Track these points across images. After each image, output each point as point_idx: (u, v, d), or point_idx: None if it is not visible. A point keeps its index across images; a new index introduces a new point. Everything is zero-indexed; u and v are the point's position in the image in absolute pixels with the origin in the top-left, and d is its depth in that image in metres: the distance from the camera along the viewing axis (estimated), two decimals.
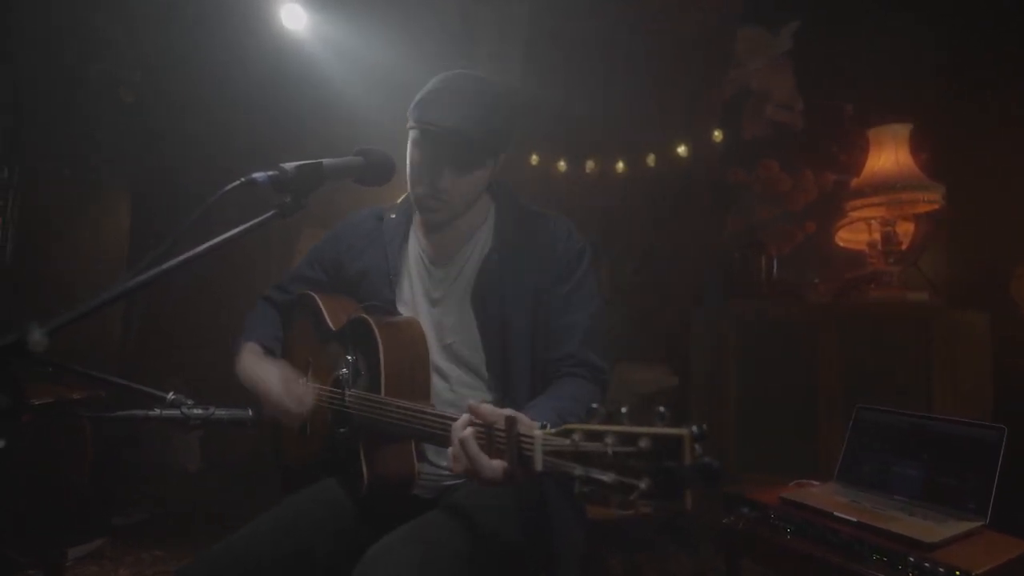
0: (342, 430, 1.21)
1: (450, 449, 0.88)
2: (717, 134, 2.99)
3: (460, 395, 1.21)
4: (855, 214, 2.63)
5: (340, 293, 1.38)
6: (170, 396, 1.10)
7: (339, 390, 1.22)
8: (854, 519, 1.32)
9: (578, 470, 0.73)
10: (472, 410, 0.86)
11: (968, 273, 2.57)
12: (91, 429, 2.08)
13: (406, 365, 1.16)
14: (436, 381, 1.22)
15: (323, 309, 1.32)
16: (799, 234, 3.06)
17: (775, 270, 2.79)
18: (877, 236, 2.73)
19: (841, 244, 2.97)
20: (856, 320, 2.44)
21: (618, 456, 0.70)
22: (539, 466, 0.78)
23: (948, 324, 2.30)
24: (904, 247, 2.69)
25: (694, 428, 0.67)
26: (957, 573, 1.11)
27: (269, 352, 1.33)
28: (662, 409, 0.70)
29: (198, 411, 1.09)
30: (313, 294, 1.36)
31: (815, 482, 1.61)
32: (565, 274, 1.22)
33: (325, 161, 0.96)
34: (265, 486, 3.42)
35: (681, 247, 3.00)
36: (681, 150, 3.04)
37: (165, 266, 0.73)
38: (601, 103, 3.19)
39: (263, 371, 1.22)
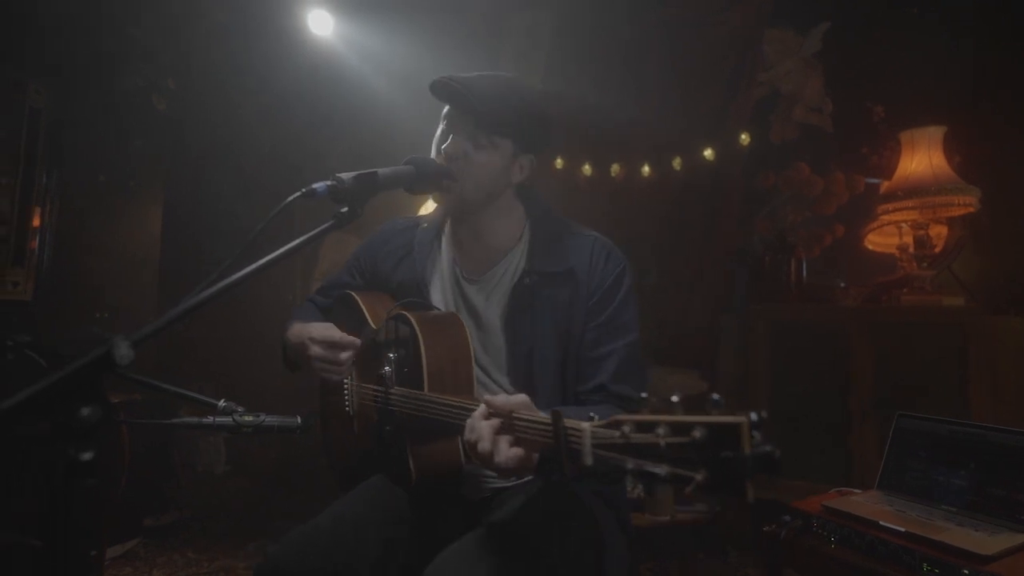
0: (388, 428, 1.22)
1: (467, 437, 0.89)
2: (744, 137, 2.96)
3: None
4: (886, 217, 2.59)
5: (379, 291, 1.39)
6: (221, 404, 1.11)
7: (383, 388, 1.22)
8: (902, 529, 1.30)
9: (630, 463, 0.70)
10: (487, 403, 0.88)
11: (1005, 278, 2.52)
12: (128, 432, 2.11)
13: (447, 359, 1.15)
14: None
15: (363, 307, 1.33)
16: (828, 237, 3.03)
17: (804, 274, 2.77)
18: (908, 240, 2.69)
19: (870, 247, 2.93)
20: (889, 325, 2.41)
21: (672, 447, 0.67)
22: (588, 460, 0.75)
23: (985, 329, 2.26)
24: (937, 251, 2.66)
25: (752, 415, 0.63)
26: None
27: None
28: (716, 396, 0.67)
29: (249, 418, 1.10)
30: (352, 293, 1.37)
31: (856, 490, 1.59)
32: (602, 302, 1.18)
33: (380, 171, 0.96)
34: (289, 488, 3.46)
35: (708, 251, 2.99)
36: (707, 153, 3.02)
37: (235, 276, 0.74)
38: (626, 106, 3.18)
39: (307, 326, 1.22)
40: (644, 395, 1.14)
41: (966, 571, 1.16)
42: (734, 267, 2.93)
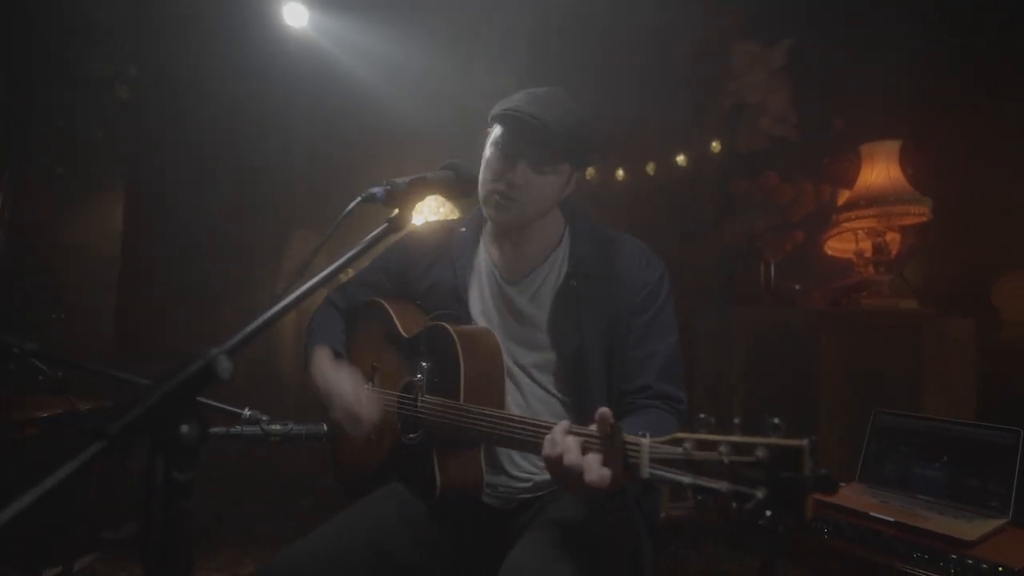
0: (412, 435, 1.21)
1: (547, 452, 0.89)
2: (715, 145, 3.08)
3: (536, 411, 1.21)
4: (848, 224, 2.75)
5: (407, 300, 1.38)
6: (246, 413, 1.08)
7: (410, 396, 1.21)
8: (891, 519, 1.40)
9: (688, 478, 0.75)
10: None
11: (951, 282, 2.73)
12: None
13: (483, 373, 1.16)
14: (510, 388, 1.22)
15: (394, 316, 1.32)
16: (789, 244, 3.19)
17: (773, 278, 2.90)
18: (863, 246, 2.87)
19: (830, 253, 3.11)
20: (852, 327, 2.56)
21: (734, 465, 0.72)
22: (645, 474, 0.79)
23: (936, 330, 2.44)
24: (891, 257, 2.85)
25: (807, 440, 0.69)
26: (1001, 569, 1.19)
27: (337, 356, 1.32)
28: (776, 420, 0.73)
29: (277, 427, 1.08)
30: (382, 301, 1.36)
31: (841, 483, 1.69)
32: (644, 303, 1.21)
33: (428, 175, 0.96)
34: (257, 496, 3.33)
35: (683, 254, 3.08)
36: (681, 159, 3.12)
37: (313, 282, 0.72)
38: (601, 112, 3.24)
39: (335, 377, 1.21)
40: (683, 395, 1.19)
41: (953, 556, 1.26)
42: (709, 271, 3.04)
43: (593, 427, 0.87)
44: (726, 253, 3.00)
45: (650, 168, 3.20)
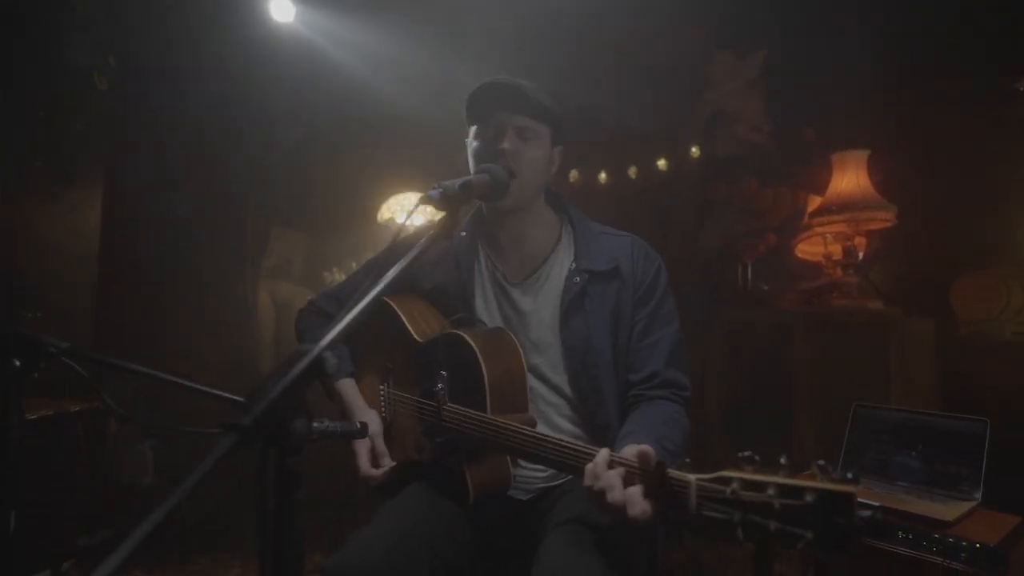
0: (439, 440, 1.22)
1: (589, 484, 0.89)
2: (695, 150, 3.19)
3: (544, 413, 1.25)
4: (820, 229, 2.91)
5: (413, 298, 1.37)
6: None
7: (432, 403, 1.22)
8: (877, 504, 1.50)
9: (736, 516, 0.76)
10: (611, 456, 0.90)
11: (912, 284, 2.91)
12: (86, 442, 1.93)
13: (505, 379, 1.18)
14: None
15: (403, 316, 1.31)
16: (762, 246, 3.34)
17: (750, 279, 3.04)
18: (831, 249, 3.04)
19: (800, 256, 3.27)
20: (824, 326, 2.71)
21: (784, 507, 0.72)
22: (693, 509, 0.80)
23: (901, 329, 2.61)
24: (859, 260, 3.02)
25: (850, 475, 0.70)
26: (978, 545, 1.30)
27: (351, 375, 1.35)
28: (822, 463, 0.73)
29: (315, 425, 1.08)
30: (388, 300, 1.34)
31: None
32: (646, 295, 1.26)
33: (472, 180, 0.99)
34: (224, 498, 3.27)
35: (662, 257, 3.19)
36: (661, 163, 3.22)
37: (387, 282, 0.75)
38: (584, 115, 3.31)
39: (365, 415, 1.26)
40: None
41: (936, 535, 1.36)
42: (687, 272, 3.16)
43: (631, 451, 0.89)
44: (705, 255, 3.12)
45: (632, 172, 3.29)
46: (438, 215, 3.10)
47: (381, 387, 1.36)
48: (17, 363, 0.95)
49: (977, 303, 2.69)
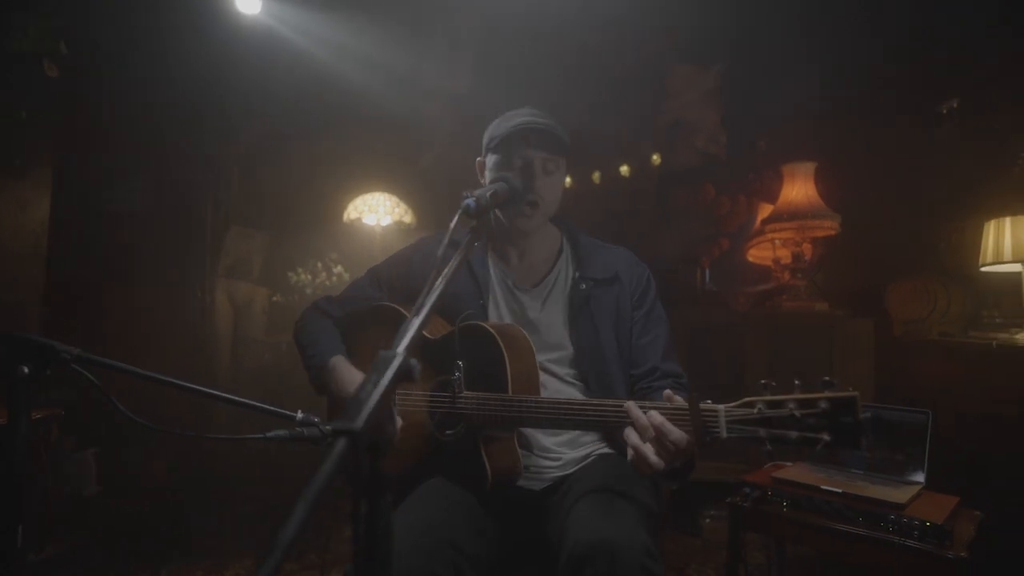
0: (449, 432, 1.26)
1: (640, 435, 1.00)
2: (655, 157, 3.32)
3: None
4: (772, 235, 3.11)
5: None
6: (299, 415, 1.10)
7: (446, 393, 1.27)
8: (839, 490, 1.65)
9: (762, 432, 0.91)
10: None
11: (852, 287, 3.16)
12: (46, 453, 1.83)
13: (521, 365, 1.24)
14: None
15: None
16: (716, 250, 3.53)
17: (707, 282, 3.20)
18: (780, 253, 3.25)
19: (751, 260, 3.48)
20: (775, 326, 2.90)
21: (804, 417, 0.88)
22: (724, 433, 0.94)
23: (844, 330, 2.83)
24: (806, 265, 3.24)
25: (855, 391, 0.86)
26: (928, 524, 1.46)
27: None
28: (828, 378, 0.90)
29: (330, 427, 1.09)
30: (393, 305, 1.41)
31: (787, 463, 1.94)
32: (641, 299, 1.42)
33: (497, 189, 1.03)
34: (174, 505, 3.16)
35: None
36: (624, 169, 3.34)
37: (440, 288, 0.78)
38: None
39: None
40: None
41: (892, 516, 1.52)
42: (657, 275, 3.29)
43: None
44: (665, 257, 3.26)
45: (596, 176, 3.39)
46: (406, 216, 3.10)
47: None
48: (26, 369, 0.91)
49: (909, 306, 2.95)
